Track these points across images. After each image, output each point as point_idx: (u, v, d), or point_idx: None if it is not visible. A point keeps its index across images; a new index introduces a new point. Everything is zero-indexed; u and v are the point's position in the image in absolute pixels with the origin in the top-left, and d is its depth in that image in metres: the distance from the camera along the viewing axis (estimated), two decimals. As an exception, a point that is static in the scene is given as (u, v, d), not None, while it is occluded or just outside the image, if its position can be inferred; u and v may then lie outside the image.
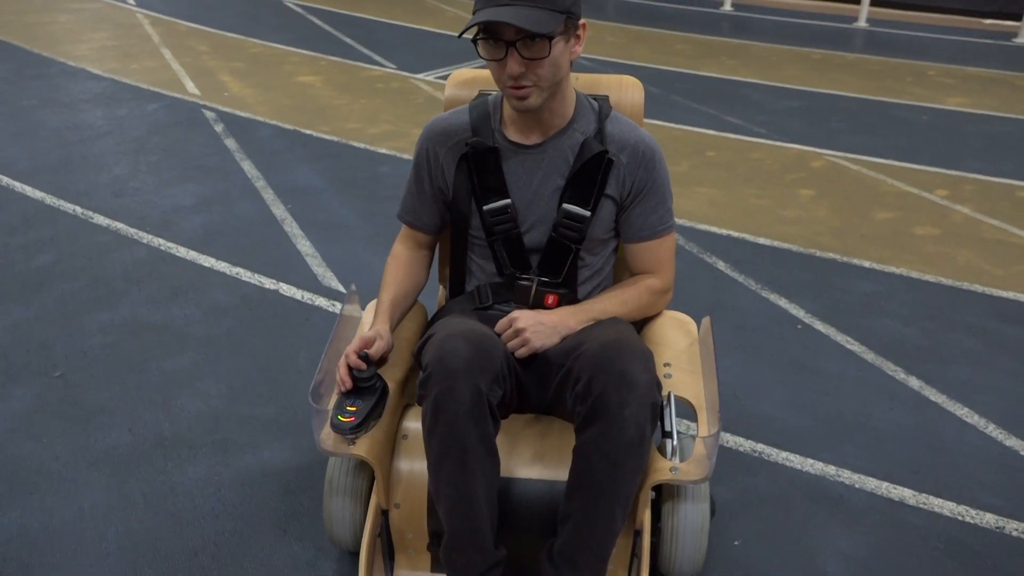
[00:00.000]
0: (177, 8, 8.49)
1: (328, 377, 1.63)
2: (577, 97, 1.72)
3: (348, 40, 7.28)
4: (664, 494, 1.74)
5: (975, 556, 1.95)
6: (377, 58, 6.65)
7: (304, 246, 3.41)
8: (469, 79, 1.97)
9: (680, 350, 1.80)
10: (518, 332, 1.62)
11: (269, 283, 3.11)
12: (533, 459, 1.64)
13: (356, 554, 1.79)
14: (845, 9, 9.47)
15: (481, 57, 1.55)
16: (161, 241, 3.42)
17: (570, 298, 1.75)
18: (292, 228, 3.57)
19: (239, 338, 2.75)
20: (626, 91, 1.93)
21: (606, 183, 1.69)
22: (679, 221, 3.75)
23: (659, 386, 1.50)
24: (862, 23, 8.83)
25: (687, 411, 1.72)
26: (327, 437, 1.56)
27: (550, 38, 1.49)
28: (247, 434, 2.30)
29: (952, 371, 2.69)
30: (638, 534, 1.63)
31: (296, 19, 8.19)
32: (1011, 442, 2.36)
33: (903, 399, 2.54)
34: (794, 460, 2.27)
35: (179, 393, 2.47)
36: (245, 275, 3.17)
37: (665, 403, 1.63)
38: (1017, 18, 8.48)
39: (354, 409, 1.53)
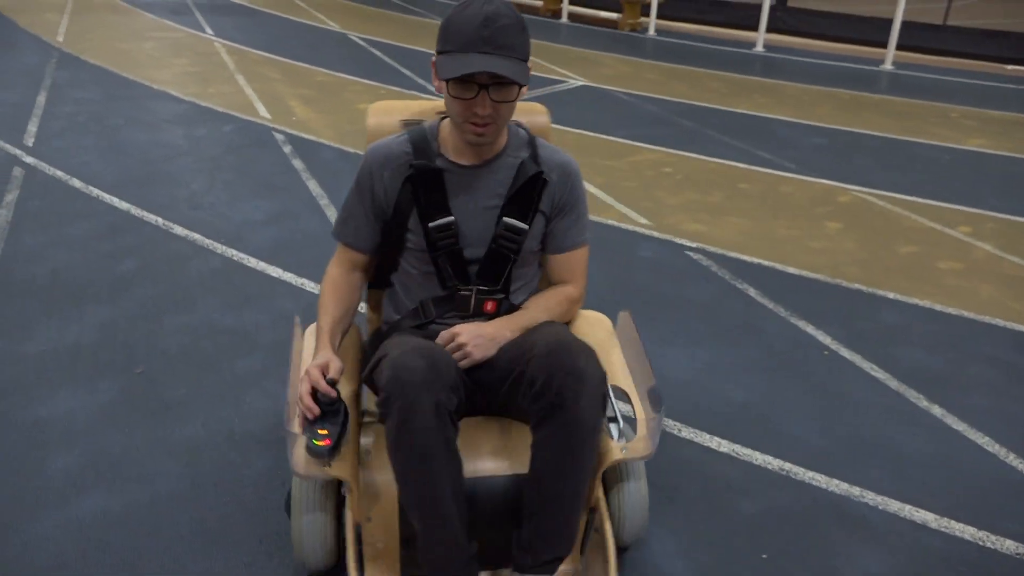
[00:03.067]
0: (251, 38, 8.67)
1: (293, 404, 1.61)
2: (507, 125, 1.76)
3: (406, 71, 7.38)
4: (607, 473, 1.82)
5: (994, 579, 1.92)
6: (432, 88, 6.72)
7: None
8: (389, 109, 1.98)
9: (599, 343, 1.83)
10: (460, 346, 1.66)
11: (331, 294, 3.15)
12: (492, 456, 1.68)
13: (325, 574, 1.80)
14: (872, 53, 9.37)
15: (450, 94, 1.57)
16: (234, 252, 3.49)
17: (507, 303, 1.79)
18: (353, 244, 3.62)
19: (303, 344, 2.80)
20: (536, 116, 2.01)
21: (540, 200, 1.75)
22: (712, 248, 3.73)
23: (605, 378, 1.55)
24: (888, 66, 8.73)
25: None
26: (301, 461, 1.54)
27: (521, 86, 1.56)
28: (309, 433, 2.33)
29: (973, 400, 2.64)
30: (594, 511, 1.69)
31: (358, 51, 8.32)
32: (1030, 471, 2.31)
33: (926, 425, 2.50)
34: (819, 480, 2.24)
35: (248, 392, 2.51)
36: (308, 285, 3.22)
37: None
38: (1039, 65, 8.33)
39: (326, 432, 1.53)
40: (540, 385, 1.51)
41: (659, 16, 10.71)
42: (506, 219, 1.73)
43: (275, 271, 3.33)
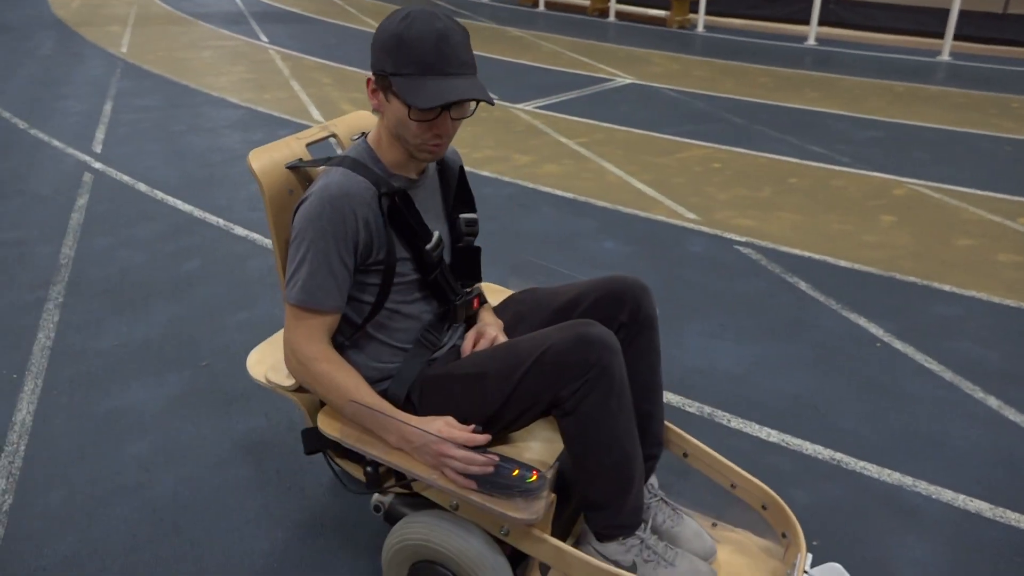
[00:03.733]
0: (305, 45, 8.88)
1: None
2: None
3: (455, 73, 7.46)
4: None
5: (1051, 570, 1.90)
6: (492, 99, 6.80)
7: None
8: (268, 152, 1.68)
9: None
10: (492, 340, 1.63)
11: (385, 290, 3.24)
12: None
13: None
14: (929, 44, 9.17)
15: (410, 118, 1.46)
16: (291, 251, 3.61)
17: (478, 292, 1.75)
18: (405, 242, 3.71)
19: (359, 338, 2.89)
20: (361, 121, 1.95)
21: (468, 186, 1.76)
22: (762, 243, 3.72)
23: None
24: (945, 56, 8.53)
25: None
26: (539, 509, 1.44)
27: (490, 104, 1.54)
28: (366, 423, 2.41)
29: (1031, 393, 2.60)
30: None
31: (408, 54, 8.44)
32: (1091, 463, 2.27)
33: (981, 417, 2.48)
34: (871, 470, 2.24)
35: (307, 385, 2.61)
36: (364, 283, 3.31)
37: None
38: (1105, 52, 8.05)
39: (526, 468, 1.47)
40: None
41: (708, 12, 10.63)
42: (462, 216, 1.71)
43: (331, 269, 3.43)
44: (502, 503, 1.43)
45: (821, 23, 9.60)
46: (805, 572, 1.60)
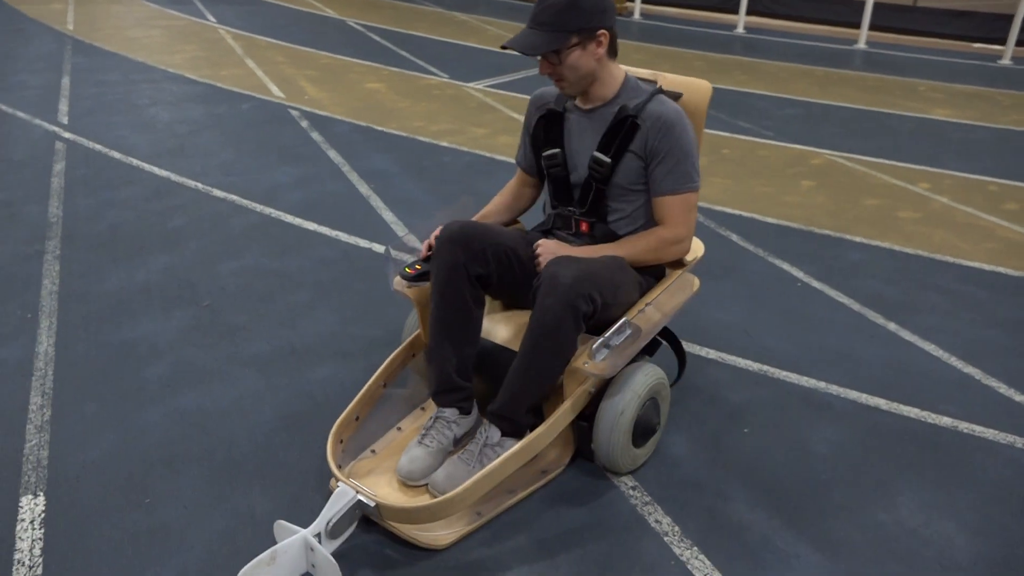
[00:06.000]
0: (253, 25, 9.00)
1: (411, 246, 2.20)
2: (626, 79, 2.15)
3: (405, 54, 7.74)
4: (606, 386, 2.07)
5: (933, 446, 2.35)
6: (432, 69, 7.10)
7: (388, 216, 3.85)
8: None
9: (666, 299, 2.20)
10: (537, 253, 2.11)
11: (363, 243, 3.55)
12: (509, 333, 2.18)
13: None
14: (846, 33, 9.82)
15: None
16: (270, 210, 3.88)
17: (601, 227, 2.19)
18: (377, 203, 4.02)
19: (344, 282, 3.19)
20: (696, 92, 2.25)
21: (630, 141, 2.10)
22: (699, 204, 4.15)
23: (586, 299, 1.88)
24: (862, 45, 9.18)
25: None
26: (396, 281, 2.20)
27: (558, 52, 1.98)
28: (360, 347, 2.73)
29: (923, 319, 3.07)
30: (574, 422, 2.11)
31: (358, 36, 8.67)
32: (968, 369, 2.74)
33: (881, 337, 2.93)
34: (792, 377, 2.67)
35: (303, 318, 2.91)
36: (343, 237, 3.61)
37: (616, 323, 2.00)
38: (1002, 43, 8.80)
39: (418, 267, 2.17)
40: (536, 283, 1.96)
41: (644, 1, 11.09)
42: (595, 153, 2.13)
43: (310, 225, 3.72)
44: (395, 267, 2.24)
45: (749, 12, 10.17)
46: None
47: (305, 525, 1.82)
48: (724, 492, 2.12)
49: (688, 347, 2.82)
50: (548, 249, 2.09)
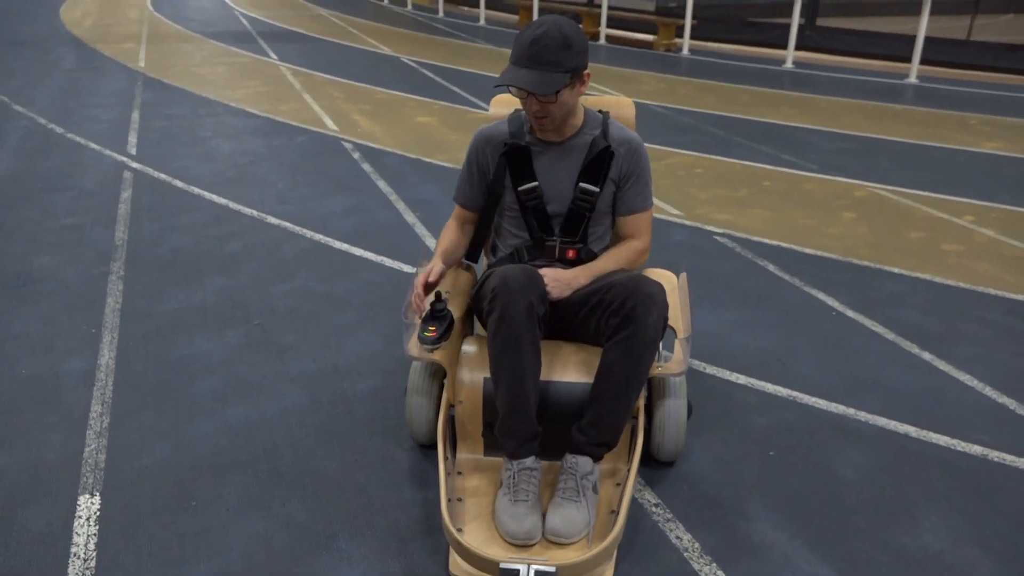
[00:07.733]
0: (313, 62, 9.36)
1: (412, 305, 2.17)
2: (585, 110, 2.28)
3: (456, 89, 7.97)
4: (654, 393, 2.25)
5: (962, 473, 2.34)
6: (481, 104, 7.30)
7: (432, 243, 3.99)
8: (506, 101, 2.58)
9: (685, 299, 2.41)
10: (550, 288, 2.14)
11: (408, 268, 3.69)
12: (564, 367, 2.16)
13: (427, 446, 2.36)
14: (897, 67, 9.76)
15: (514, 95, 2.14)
16: (321, 236, 4.05)
17: (586, 250, 2.28)
18: (422, 230, 4.16)
19: (389, 305, 3.32)
20: (623, 108, 2.55)
21: (610, 169, 2.23)
22: (737, 234, 4.19)
23: (668, 306, 2.04)
24: (913, 79, 9.11)
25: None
26: (413, 347, 2.11)
27: (557, 91, 2.04)
28: (401, 367, 2.85)
29: (961, 350, 3.06)
30: (635, 418, 2.15)
31: (411, 72, 8.95)
32: (1003, 399, 2.73)
33: (916, 367, 2.93)
34: (821, 403, 2.69)
35: (347, 339, 3.04)
36: (388, 262, 3.75)
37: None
38: (1059, 76, 8.64)
39: (434, 328, 2.09)
40: (618, 304, 2.01)
41: (693, 37, 11.21)
42: (582, 184, 2.23)
43: (358, 251, 3.88)
44: (412, 330, 2.15)
45: (798, 47, 10.19)
46: None
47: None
48: (747, 512, 2.16)
49: (717, 372, 2.86)
50: (553, 278, 2.15)
